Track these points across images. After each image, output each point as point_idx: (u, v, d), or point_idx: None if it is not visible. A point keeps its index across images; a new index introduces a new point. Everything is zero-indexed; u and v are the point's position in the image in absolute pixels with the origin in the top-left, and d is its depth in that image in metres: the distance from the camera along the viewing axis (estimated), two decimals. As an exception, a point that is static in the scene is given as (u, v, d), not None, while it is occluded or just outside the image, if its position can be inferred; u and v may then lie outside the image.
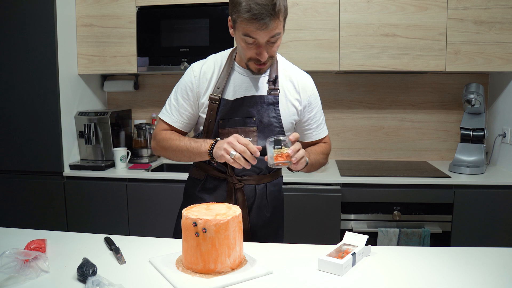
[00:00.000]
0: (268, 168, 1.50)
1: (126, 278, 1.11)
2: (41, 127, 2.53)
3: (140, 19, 2.60)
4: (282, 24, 1.33)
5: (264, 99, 1.44)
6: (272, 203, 1.54)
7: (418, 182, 2.31)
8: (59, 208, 2.54)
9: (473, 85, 2.47)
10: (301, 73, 1.53)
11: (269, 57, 1.36)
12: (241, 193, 1.48)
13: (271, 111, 1.44)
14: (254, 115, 1.44)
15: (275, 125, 1.45)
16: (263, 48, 1.33)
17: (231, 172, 1.47)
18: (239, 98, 1.44)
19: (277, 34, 1.31)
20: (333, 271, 1.13)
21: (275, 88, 1.44)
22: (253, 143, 1.40)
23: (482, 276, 1.12)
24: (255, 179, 1.50)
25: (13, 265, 1.08)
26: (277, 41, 1.34)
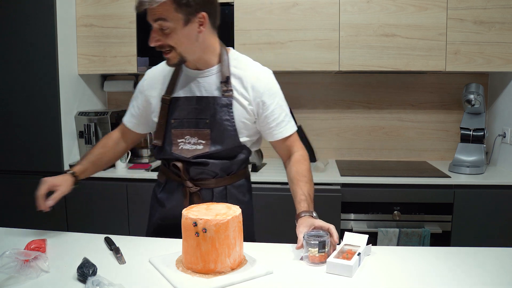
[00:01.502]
0: (225, 171, 1.46)
1: (126, 278, 1.11)
2: (41, 127, 2.53)
3: (140, 19, 2.60)
4: (174, 13, 1.25)
5: (218, 101, 1.39)
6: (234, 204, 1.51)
7: (418, 182, 2.31)
8: (59, 208, 2.54)
9: (473, 85, 2.47)
10: (253, 70, 1.44)
11: (167, 46, 1.30)
12: (197, 197, 1.45)
13: (224, 113, 1.39)
14: (207, 117, 1.40)
15: (229, 128, 1.39)
16: (153, 33, 1.29)
17: (185, 176, 1.45)
18: (191, 98, 1.42)
19: (161, 19, 1.26)
20: (342, 272, 1.12)
21: (228, 89, 1.39)
22: (204, 146, 1.41)
23: (482, 276, 1.12)
24: (212, 182, 1.46)
25: (13, 265, 1.08)
26: (169, 30, 1.27)
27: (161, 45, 1.31)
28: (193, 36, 1.31)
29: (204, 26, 1.32)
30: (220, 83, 1.40)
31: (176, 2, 1.24)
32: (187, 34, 1.30)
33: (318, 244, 1.18)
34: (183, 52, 1.33)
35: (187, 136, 1.42)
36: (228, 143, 1.41)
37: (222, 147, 1.41)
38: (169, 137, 1.45)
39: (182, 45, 1.31)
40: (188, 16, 1.27)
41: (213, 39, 1.40)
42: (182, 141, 1.43)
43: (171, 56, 1.34)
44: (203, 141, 1.41)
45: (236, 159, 1.46)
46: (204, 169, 1.43)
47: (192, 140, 1.42)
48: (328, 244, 1.20)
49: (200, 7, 1.28)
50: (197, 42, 1.34)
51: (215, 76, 1.41)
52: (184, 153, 1.43)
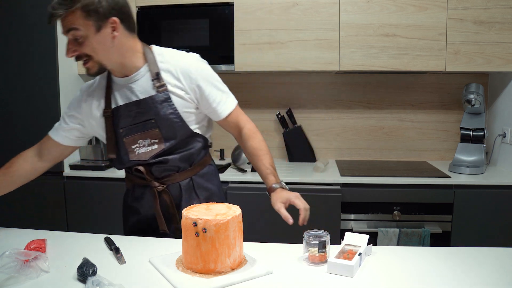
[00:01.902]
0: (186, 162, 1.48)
1: (126, 278, 1.11)
2: (41, 127, 2.51)
3: (140, 19, 2.60)
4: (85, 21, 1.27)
5: (156, 99, 1.39)
6: (203, 194, 1.52)
7: (418, 182, 2.31)
8: (59, 208, 2.54)
9: (473, 85, 2.47)
10: (180, 59, 1.43)
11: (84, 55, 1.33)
12: (167, 194, 1.47)
13: (166, 108, 1.40)
14: (152, 118, 1.41)
15: (175, 120, 1.41)
16: (69, 44, 1.32)
17: (150, 177, 1.47)
18: (130, 104, 1.42)
19: (73, 29, 1.28)
20: (343, 272, 1.13)
21: (161, 84, 1.39)
22: (159, 144, 1.43)
23: (482, 276, 1.12)
24: (177, 177, 1.48)
25: (13, 265, 1.08)
26: (83, 39, 1.29)
27: (78, 55, 1.33)
28: (107, 42, 1.32)
29: (117, 31, 1.33)
30: (152, 81, 1.41)
31: (84, 10, 1.26)
32: (100, 40, 1.31)
33: (318, 244, 1.18)
34: (100, 59, 1.34)
35: (139, 140, 1.44)
36: (181, 135, 1.44)
37: (175, 140, 1.43)
38: (123, 147, 1.47)
39: (98, 52, 1.32)
40: (98, 22, 1.29)
41: (132, 42, 1.41)
42: (137, 146, 1.45)
43: (90, 66, 1.35)
44: (156, 140, 1.43)
45: (194, 148, 1.48)
46: (166, 166, 1.46)
47: (145, 143, 1.44)
48: (328, 244, 1.20)
49: (109, 12, 1.29)
50: (113, 47, 1.34)
51: (145, 77, 1.42)
52: (142, 156, 1.45)
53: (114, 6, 1.30)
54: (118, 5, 1.32)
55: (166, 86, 1.40)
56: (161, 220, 1.48)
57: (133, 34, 1.41)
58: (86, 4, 1.25)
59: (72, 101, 1.54)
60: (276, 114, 2.85)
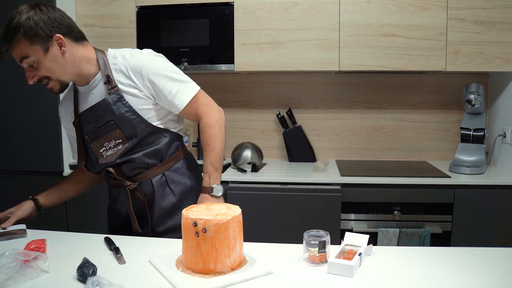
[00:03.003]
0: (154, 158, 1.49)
1: (126, 278, 1.11)
2: (41, 127, 2.53)
3: (140, 19, 2.60)
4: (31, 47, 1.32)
5: (109, 100, 1.42)
6: (178, 188, 1.53)
7: (418, 182, 2.31)
8: (59, 208, 2.54)
9: (473, 85, 2.47)
10: (130, 58, 1.44)
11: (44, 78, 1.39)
12: (139, 192, 1.49)
13: (121, 108, 1.42)
14: (110, 119, 1.43)
15: (132, 117, 1.42)
16: (27, 72, 1.38)
17: (121, 176, 1.49)
18: (88, 110, 1.46)
19: (25, 58, 1.33)
20: (343, 273, 1.12)
21: (112, 86, 1.42)
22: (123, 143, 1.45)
23: (482, 276, 1.12)
24: (148, 174, 1.50)
25: (13, 265, 1.08)
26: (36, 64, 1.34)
27: (38, 79, 1.39)
28: (59, 59, 1.36)
29: (65, 46, 1.36)
30: (104, 84, 1.43)
31: (26, 37, 1.30)
32: (53, 59, 1.35)
33: (318, 244, 1.18)
34: (58, 77, 1.39)
35: (105, 143, 1.47)
36: (142, 131, 1.45)
37: (138, 137, 1.45)
38: (91, 153, 1.50)
39: (55, 71, 1.37)
40: (44, 44, 1.33)
41: (83, 51, 1.43)
42: (104, 149, 1.48)
43: (52, 85, 1.41)
44: (120, 140, 1.45)
45: (160, 144, 1.49)
46: (134, 164, 1.47)
47: (111, 145, 1.47)
48: (328, 244, 1.20)
49: (50, 31, 1.33)
50: (66, 62, 1.38)
51: (101, 82, 1.44)
52: (110, 158, 1.48)
53: (53, 24, 1.34)
54: (57, 22, 1.35)
55: (118, 86, 1.42)
56: (133, 218, 1.50)
57: (82, 42, 1.44)
58: (26, 31, 1.30)
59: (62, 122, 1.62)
60: (276, 114, 2.85)
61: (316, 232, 1.22)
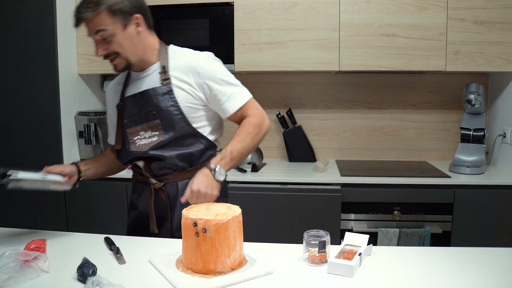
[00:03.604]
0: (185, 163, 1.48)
1: (126, 278, 1.11)
2: (41, 127, 2.53)
3: (140, 19, 2.60)
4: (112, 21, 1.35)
5: (157, 90, 1.44)
6: None
7: (418, 182, 2.31)
8: (59, 208, 2.54)
9: (473, 85, 2.47)
10: (191, 57, 1.48)
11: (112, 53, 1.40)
12: (163, 193, 1.48)
13: (167, 100, 1.44)
14: (153, 109, 1.45)
15: (175, 112, 1.44)
16: (98, 44, 1.39)
17: (148, 173, 1.49)
18: (135, 95, 1.48)
19: (102, 31, 1.35)
20: (343, 273, 1.12)
21: (166, 77, 1.45)
22: (159, 136, 1.46)
23: (482, 276, 1.12)
24: (175, 176, 1.49)
25: (13, 265, 1.08)
26: (111, 38, 1.36)
27: (107, 53, 1.40)
28: (134, 37, 1.41)
29: (141, 27, 1.42)
30: (159, 74, 1.46)
31: (110, 11, 1.34)
32: (128, 37, 1.40)
33: (318, 244, 1.18)
34: (128, 55, 1.42)
35: (141, 132, 1.48)
36: (180, 129, 1.45)
37: (174, 133, 1.45)
38: (126, 138, 1.51)
39: (126, 49, 1.41)
40: (124, 20, 1.38)
41: (151, 39, 1.49)
42: (138, 137, 1.48)
43: (117, 62, 1.42)
44: (156, 132, 1.46)
45: (194, 148, 1.48)
46: (164, 163, 1.47)
47: (146, 135, 1.47)
48: (328, 244, 1.20)
49: (132, 10, 1.39)
50: (138, 43, 1.43)
51: (156, 72, 1.48)
52: (142, 148, 1.48)
53: (136, 3, 1.40)
54: (139, 3, 1.41)
55: (171, 79, 1.45)
56: (152, 218, 1.49)
57: (151, 31, 1.49)
58: (111, 5, 1.34)
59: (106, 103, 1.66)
60: (276, 114, 2.85)
61: (316, 232, 1.22)
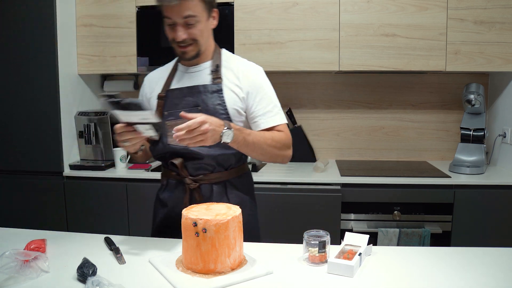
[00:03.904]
0: (221, 164, 1.47)
1: (126, 278, 1.11)
2: (41, 127, 2.53)
3: (140, 19, 2.60)
4: (201, 9, 1.38)
5: (208, 88, 1.45)
6: (235, 200, 1.50)
7: (418, 182, 2.31)
8: (59, 208, 2.54)
9: (473, 85, 2.47)
10: (244, 63, 1.52)
11: (190, 40, 1.40)
12: (198, 193, 1.46)
13: (215, 98, 1.44)
14: (199, 104, 1.45)
15: (221, 112, 1.43)
16: (179, 28, 1.39)
17: (184, 173, 1.46)
18: (181, 88, 1.48)
19: (191, 16, 1.36)
20: (343, 273, 1.12)
21: (217, 76, 1.46)
22: None
23: (482, 276, 1.12)
24: (211, 177, 1.48)
25: (13, 265, 1.08)
26: (196, 25, 1.38)
27: (185, 39, 1.40)
28: (210, 29, 1.46)
29: (216, 22, 1.46)
30: (210, 72, 1.47)
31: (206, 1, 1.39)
32: (207, 28, 1.44)
33: (318, 244, 1.18)
34: (202, 45, 1.44)
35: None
36: None
37: None
38: (164, 131, 1.47)
39: (203, 38, 1.43)
40: (209, 11, 1.42)
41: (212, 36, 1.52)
42: None
43: (190, 49, 1.42)
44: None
45: (233, 150, 1.46)
46: (201, 163, 1.45)
47: None
48: (328, 244, 1.20)
49: (214, 3, 1.45)
50: (210, 35, 1.48)
51: (207, 69, 1.49)
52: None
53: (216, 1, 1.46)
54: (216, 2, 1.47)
55: (222, 79, 1.46)
56: None
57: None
58: None
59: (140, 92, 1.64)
60: (276, 114, 2.84)
61: (316, 232, 1.22)
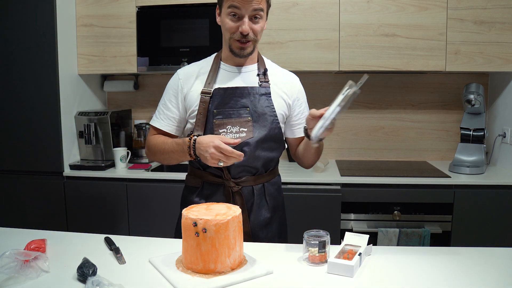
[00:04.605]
0: (263, 167, 1.50)
1: (126, 278, 1.11)
2: (41, 127, 2.53)
3: (140, 19, 2.60)
4: (266, 6, 1.41)
5: (256, 90, 1.47)
6: (272, 203, 1.53)
7: (418, 182, 2.31)
8: (59, 208, 2.54)
9: (473, 85, 2.47)
10: (285, 71, 1.59)
11: (252, 36, 1.40)
12: (239, 195, 1.46)
13: (264, 101, 1.46)
14: (247, 106, 1.45)
15: (270, 114, 1.46)
16: (246, 21, 1.38)
17: (227, 176, 1.46)
18: (231, 88, 1.46)
19: (260, 10, 1.38)
20: (343, 273, 1.13)
21: (265, 80, 1.48)
22: (248, 133, 1.43)
23: (482, 276, 1.12)
24: (252, 180, 1.49)
25: (13, 265, 1.08)
26: (260, 21, 1.40)
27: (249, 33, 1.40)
28: (263, 28, 1.46)
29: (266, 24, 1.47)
30: (258, 75, 1.49)
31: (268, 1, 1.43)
32: (264, 26, 1.45)
33: (318, 244, 1.18)
34: (257, 41, 1.45)
35: (228, 126, 1.44)
36: (272, 129, 1.46)
37: (266, 132, 1.45)
38: (210, 128, 1.45)
39: (260, 35, 1.45)
40: (268, 10, 1.45)
41: None
42: (224, 131, 1.44)
43: (248, 46, 1.43)
44: (245, 129, 1.44)
45: (276, 153, 1.51)
46: (246, 164, 1.44)
47: (234, 129, 1.44)
48: (328, 244, 1.20)
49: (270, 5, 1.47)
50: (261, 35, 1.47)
51: (254, 72, 1.51)
52: None
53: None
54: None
55: (269, 83, 1.49)
56: None
57: None
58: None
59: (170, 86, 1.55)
60: (276, 114, 2.84)
61: (316, 232, 1.22)
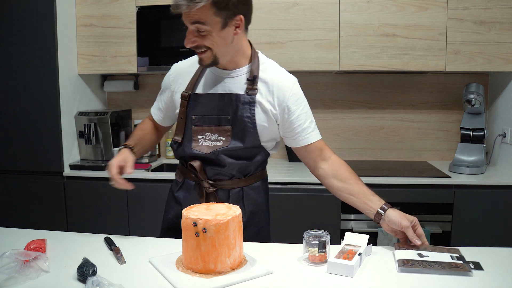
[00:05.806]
0: (240, 173, 1.46)
1: (126, 278, 1.11)
2: (41, 127, 2.53)
3: (140, 19, 2.60)
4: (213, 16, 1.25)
5: (241, 98, 1.38)
6: (250, 207, 1.48)
7: (418, 182, 2.31)
8: (59, 208, 2.54)
9: (473, 85, 2.47)
10: (280, 76, 1.44)
11: (203, 46, 1.31)
12: (214, 198, 1.44)
13: (246, 110, 1.38)
14: (228, 114, 1.39)
15: (249, 125, 1.39)
16: (188, 33, 1.32)
17: (202, 176, 1.44)
18: (213, 95, 1.41)
19: (199, 23, 1.26)
20: (343, 273, 1.12)
21: (253, 88, 1.39)
22: (224, 142, 1.40)
23: (482, 276, 1.12)
24: (229, 183, 1.46)
25: (13, 265, 1.08)
26: (206, 32, 1.28)
27: (197, 45, 1.32)
28: (229, 38, 1.32)
29: (240, 29, 1.32)
30: (246, 80, 1.40)
31: (216, 6, 1.24)
32: (223, 36, 1.30)
33: (318, 244, 1.18)
34: (217, 53, 1.33)
35: (207, 133, 1.42)
36: (249, 141, 1.40)
37: (242, 144, 1.40)
38: (189, 134, 1.44)
39: (217, 47, 1.32)
40: (226, 19, 1.27)
41: (245, 41, 1.41)
42: (202, 137, 1.42)
43: (205, 57, 1.34)
44: (223, 138, 1.40)
45: (254, 160, 1.45)
46: (221, 170, 1.43)
47: (212, 137, 1.42)
48: (328, 244, 1.20)
49: (238, 10, 1.29)
50: (231, 44, 1.34)
51: (243, 77, 1.41)
52: (204, 149, 1.42)
53: (244, 3, 1.31)
54: (247, 2, 1.33)
55: (257, 91, 1.39)
56: None
57: (247, 32, 1.41)
58: (217, 1, 1.24)
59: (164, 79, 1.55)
60: (276, 114, 2.84)
61: (316, 232, 1.22)
